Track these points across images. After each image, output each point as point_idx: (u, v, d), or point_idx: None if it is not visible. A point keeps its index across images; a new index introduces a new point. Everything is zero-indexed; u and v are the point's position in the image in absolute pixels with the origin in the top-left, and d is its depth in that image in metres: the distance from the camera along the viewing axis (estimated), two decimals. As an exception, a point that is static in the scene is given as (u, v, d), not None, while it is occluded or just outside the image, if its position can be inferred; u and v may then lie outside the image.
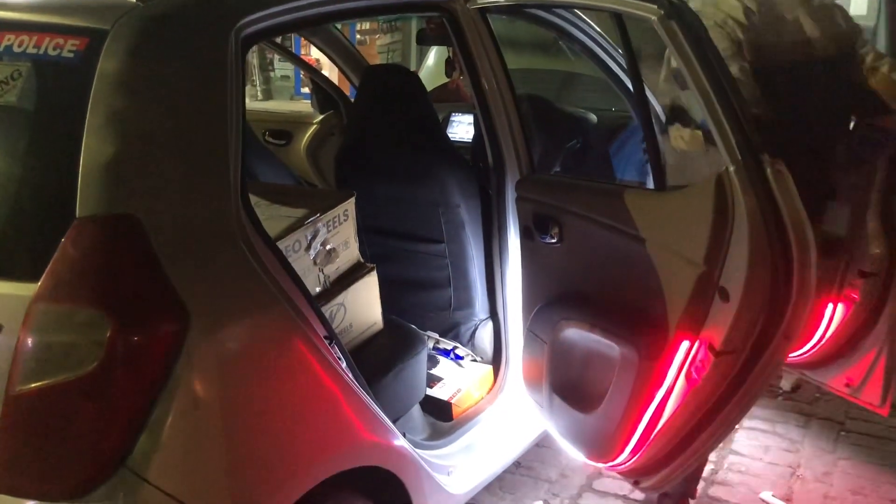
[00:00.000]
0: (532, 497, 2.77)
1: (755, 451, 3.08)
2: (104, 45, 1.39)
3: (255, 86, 11.51)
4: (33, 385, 1.29)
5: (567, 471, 2.93)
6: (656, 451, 2.01)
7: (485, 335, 2.59)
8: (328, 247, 2.11)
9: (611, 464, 2.17)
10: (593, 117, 3.50)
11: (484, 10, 2.28)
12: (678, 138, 2.50)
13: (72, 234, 1.31)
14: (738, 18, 2.46)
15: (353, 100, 3.40)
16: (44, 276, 1.29)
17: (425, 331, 2.53)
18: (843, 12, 2.62)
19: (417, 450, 1.98)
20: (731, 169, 1.69)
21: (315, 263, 2.08)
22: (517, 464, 2.77)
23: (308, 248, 2.04)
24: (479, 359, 2.62)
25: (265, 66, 12.05)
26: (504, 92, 2.32)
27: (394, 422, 1.88)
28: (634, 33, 2.08)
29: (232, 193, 1.46)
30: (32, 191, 1.42)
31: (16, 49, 1.45)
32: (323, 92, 4.22)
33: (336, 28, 3.61)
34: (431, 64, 4.75)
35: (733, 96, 1.74)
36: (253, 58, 11.79)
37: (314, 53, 6.49)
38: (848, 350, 2.52)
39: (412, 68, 5.47)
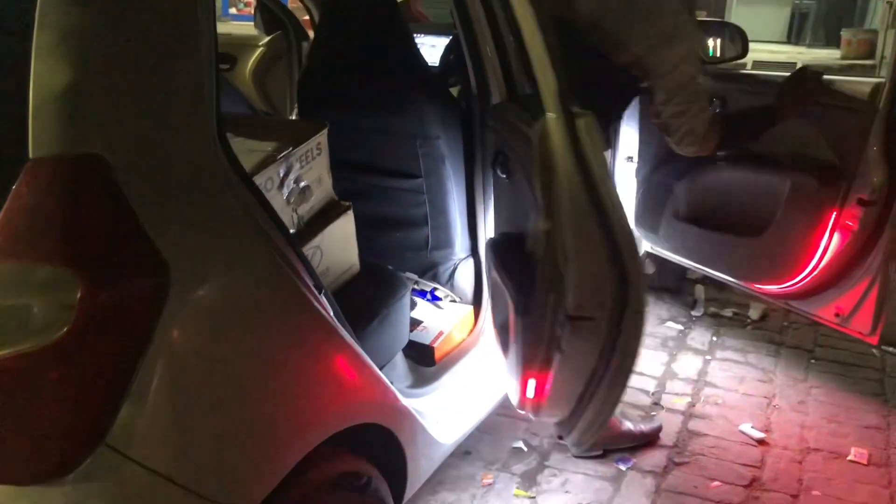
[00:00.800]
0: (511, 437, 2.70)
1: (730, 382, 3.07)
2: None
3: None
4: (-6, 355, 1.10)
5: (544, 409, 2.86)
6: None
7: (464, 275, 2.46)
8: (301, 184, 1.92)
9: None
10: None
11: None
12: None
13: (25, 178, 1.09)
14: None
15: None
16: None
17: (403, 272, 2.38)
18: None
19: (407, 400, 1.85)
20: None
21: (288, 203, 1.89)
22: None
23: (281, 185, 1.85)
24: (458, 299, 2.49)
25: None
26: (483, 14, 2.14)
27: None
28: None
29: (210, 126, 1.26)
30: None
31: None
32: (269, 11, 3.93)
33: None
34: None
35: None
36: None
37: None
38: (840, 279, 2.49)
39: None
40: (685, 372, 3.15)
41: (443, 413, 2.07)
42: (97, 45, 1.15)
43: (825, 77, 2.50)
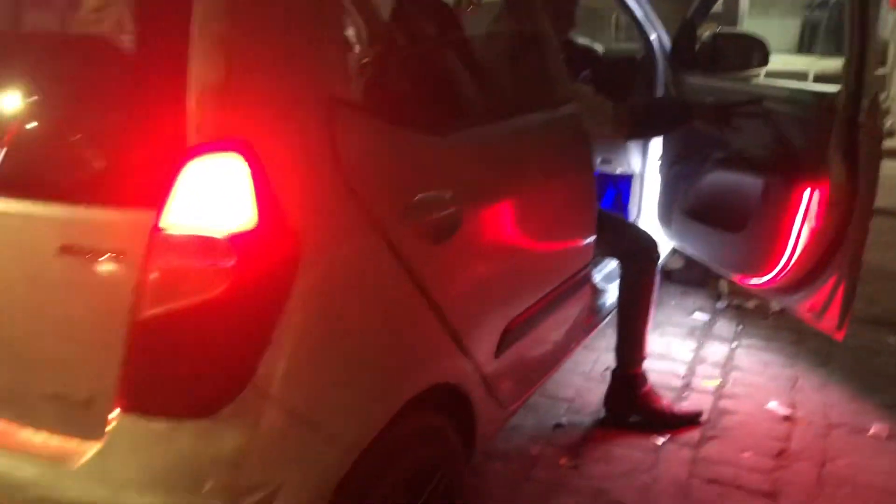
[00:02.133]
0: (553, 416, 2.90)
1: (756, 366, 3.28)
2: None
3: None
4: (160, 309, 1.32)
5: (582, 391, 3.08)
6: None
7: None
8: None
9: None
10: (600, 48, 3.55)
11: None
12: None
13: (186, 161, 1.32)
14: None
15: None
16: (166, 204, 1.31)
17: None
18: None
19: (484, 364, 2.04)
20: None
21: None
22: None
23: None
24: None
25: None
26: None
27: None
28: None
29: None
30: (143, 117, 1.42)
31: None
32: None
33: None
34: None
35: None
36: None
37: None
38: (812, 277, 2.63)
39: None
40: (713, 357, 3.36)
41: (509, 379, 2.25)
42: (243, 47, 1.38)
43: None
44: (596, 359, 3.26)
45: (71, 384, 1.42)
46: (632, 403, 2.82)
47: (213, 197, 1.33)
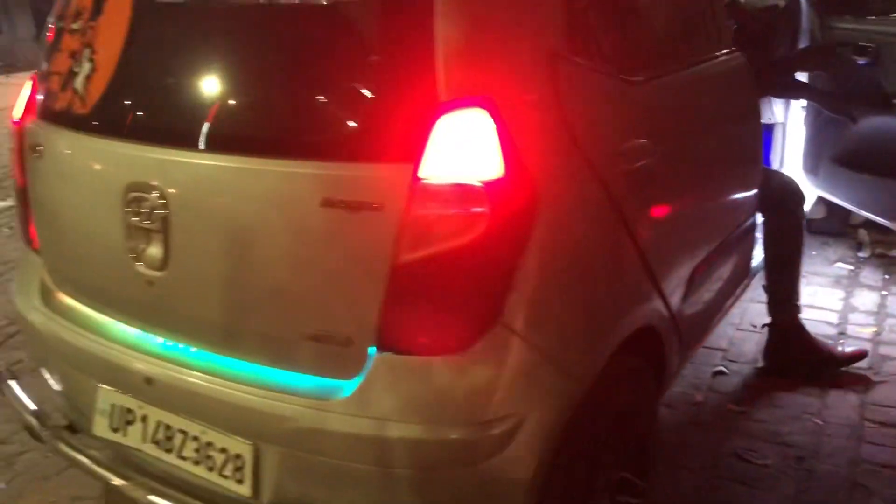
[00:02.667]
0: (710, 365, 2.95)
1: (910, 313, 3.24)
2: None
3: None
4: (419, 253, 1.44)
5: (735, 340, 3.11)
6: None
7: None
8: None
9: None
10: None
11: None
12: None
13: (438, 117, 1.42)
14: None
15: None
16: (422, 157, 1.42)
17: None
18: None
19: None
20: None
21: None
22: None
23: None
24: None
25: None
26: None
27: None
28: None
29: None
30: (394, 78, 1.52)
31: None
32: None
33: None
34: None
35: None
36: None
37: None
38: None
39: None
40: (864, 306, 3.33)
41: (691, 324, 2.27)
42: (486, 8, 1.48)
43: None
44: (744, 310, 3.28)
45: (331, 326, 1.55)
46: (793, 354, 2.83)
47: (465, 149, 1.43)
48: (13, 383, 2.18)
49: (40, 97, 2.02)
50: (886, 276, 3.59)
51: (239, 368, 1.68)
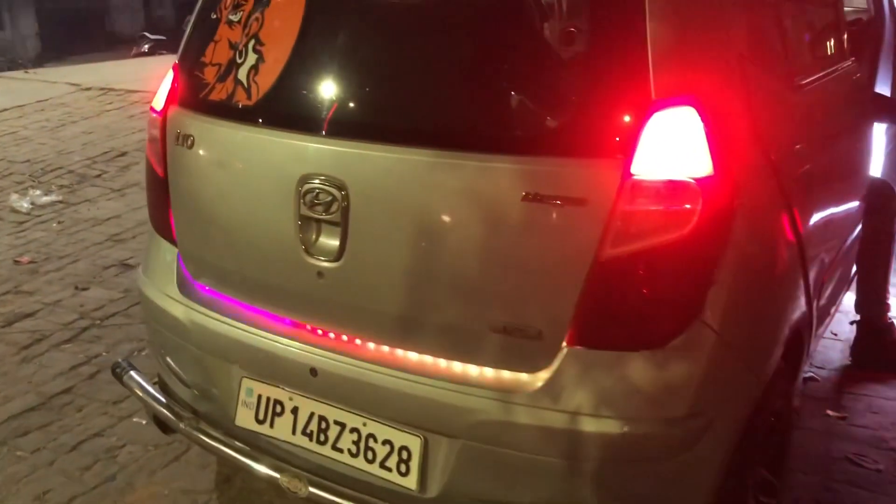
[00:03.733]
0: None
1: None
2: None
3: None
4: (628, 248, 1.45)
5: (819, 348, 3.14)
6: None
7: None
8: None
9: None
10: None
11: None
12: None
13: (650, 115, 1.44)
14: None
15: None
16: (634, 153, 1.43)
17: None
18: None
19: None
20: None
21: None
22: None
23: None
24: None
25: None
26: None
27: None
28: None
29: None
30: (601, 77, 1.54)
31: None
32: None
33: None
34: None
35: None
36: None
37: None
38: None
39: None
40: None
41: (817, 325, 2.28)
42: (693, 11, 1.50)
43: None
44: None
45: (522, 319, 1.56)
46: (883, 352, 2.87)
47: (677, 147, 1.45)
48: (135, 374, 2.17)
49: (186, 87, 2.02)
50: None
51: (413, 359, 1.68)
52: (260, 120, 1.82)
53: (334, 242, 1.69)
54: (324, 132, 1.71)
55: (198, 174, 1.97)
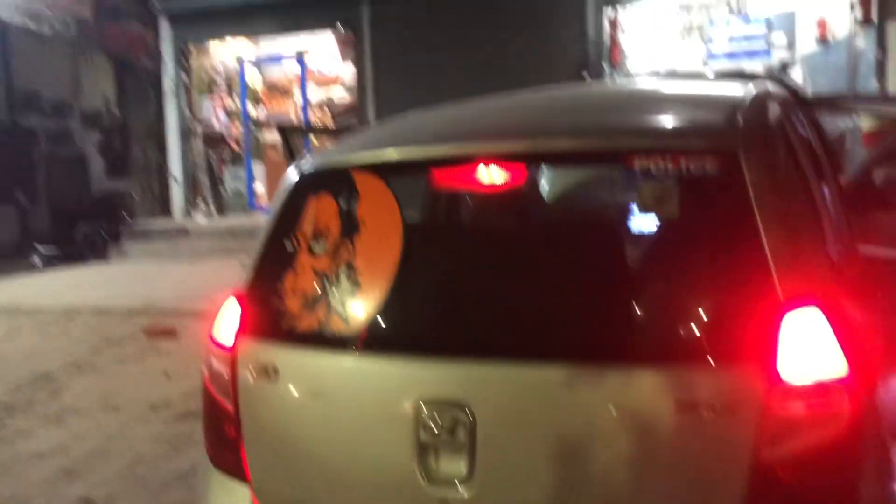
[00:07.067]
0: None
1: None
2: (741, 161, 1.66)
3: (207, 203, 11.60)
4: (782, 451, 1.49)
5: None
6: None
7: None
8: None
9: None
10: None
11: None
12: None
13: (782, 316, 1.54)
14: None
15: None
16: (775, 358, 1.51)
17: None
18: None
19: None
20: None
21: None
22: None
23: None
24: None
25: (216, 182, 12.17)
26: None
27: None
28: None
29: None
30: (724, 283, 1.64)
31: (654, 170, 1.69)
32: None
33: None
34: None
35: None
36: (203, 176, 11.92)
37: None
38: None
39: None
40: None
41: None
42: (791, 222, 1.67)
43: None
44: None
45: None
46: None
47: (812, 348, 1.56)
48: None
49: (263, 318, 1.97)
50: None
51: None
52: (364, 346, 1.80)
53: (461, 470, 1.65)
54: (442, 353, 1.71)
55: (285, 408, 1.90)
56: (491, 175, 1.83)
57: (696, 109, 2.00)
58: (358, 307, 1.83)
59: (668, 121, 1.90)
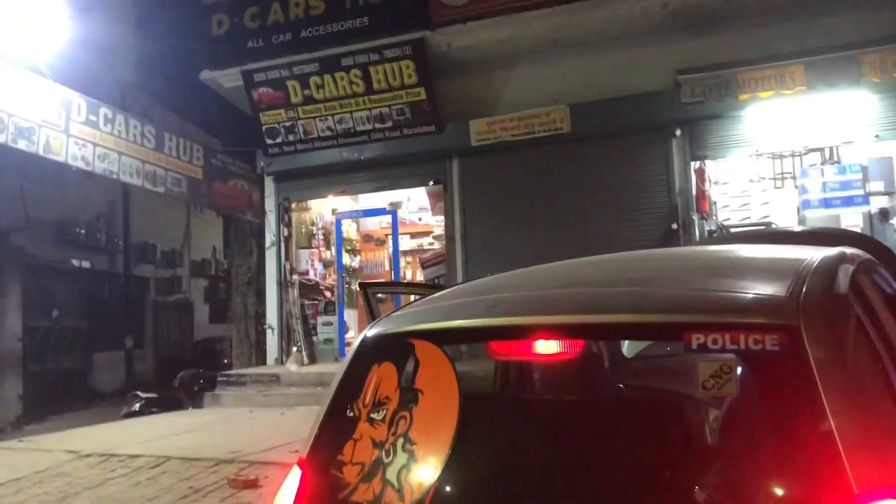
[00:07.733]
0: None
1: None
2: (802, 336, 1.61)
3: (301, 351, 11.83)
4: None
5: None
6: None
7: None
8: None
9: None
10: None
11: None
12: None
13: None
14: None
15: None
16: None
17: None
18: None
19: None
20: None
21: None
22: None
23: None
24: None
25: (309, 330, 12.47)
26: None
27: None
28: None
29: None
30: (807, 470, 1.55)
31: (711, 345, 1.65)
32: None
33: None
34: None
35: None
36: (297, 325, 12.25)
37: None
38: None
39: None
40: None
41: None
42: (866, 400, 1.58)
43: None
44: None
45: None
46: None
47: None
48: None
49: (321, 488, 1.97)
50: None
51: None
52: None
53: None
54: None
55: None
56: (548, 347, 1.83)
57: (759, 278, 1.96)
58: (410, 481, 1.81)
59: (727, 292, 1.86)
